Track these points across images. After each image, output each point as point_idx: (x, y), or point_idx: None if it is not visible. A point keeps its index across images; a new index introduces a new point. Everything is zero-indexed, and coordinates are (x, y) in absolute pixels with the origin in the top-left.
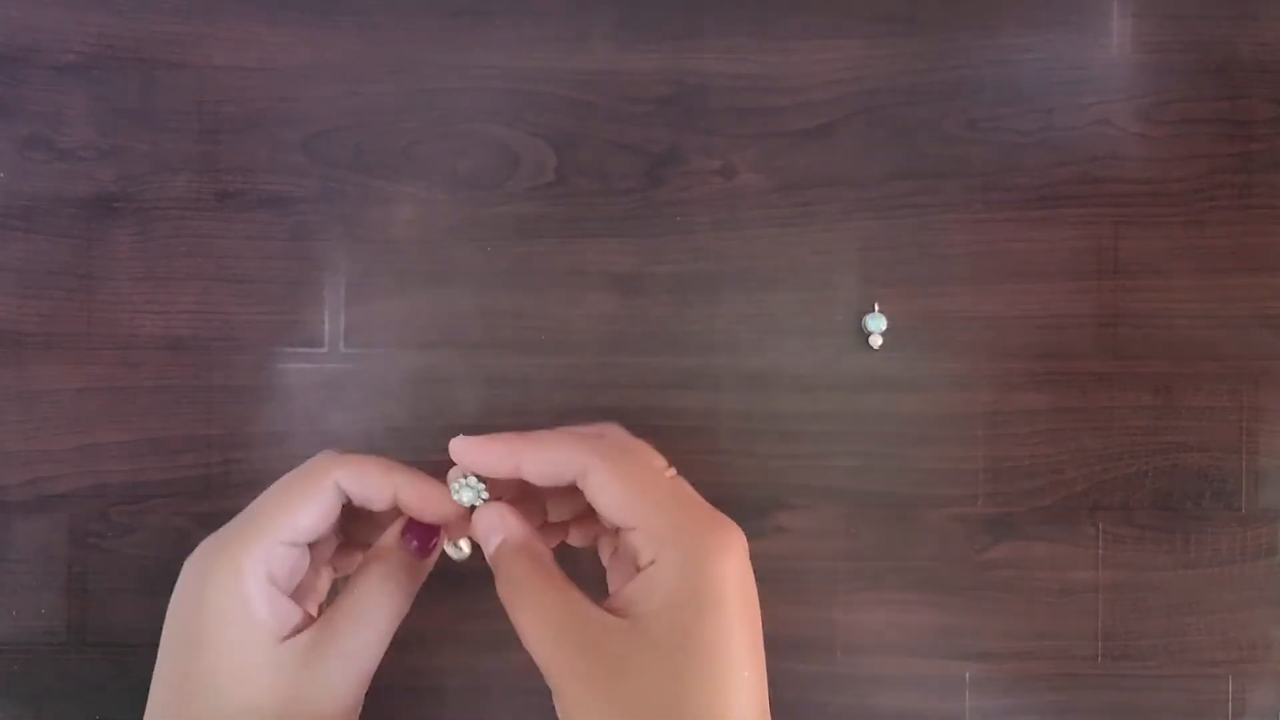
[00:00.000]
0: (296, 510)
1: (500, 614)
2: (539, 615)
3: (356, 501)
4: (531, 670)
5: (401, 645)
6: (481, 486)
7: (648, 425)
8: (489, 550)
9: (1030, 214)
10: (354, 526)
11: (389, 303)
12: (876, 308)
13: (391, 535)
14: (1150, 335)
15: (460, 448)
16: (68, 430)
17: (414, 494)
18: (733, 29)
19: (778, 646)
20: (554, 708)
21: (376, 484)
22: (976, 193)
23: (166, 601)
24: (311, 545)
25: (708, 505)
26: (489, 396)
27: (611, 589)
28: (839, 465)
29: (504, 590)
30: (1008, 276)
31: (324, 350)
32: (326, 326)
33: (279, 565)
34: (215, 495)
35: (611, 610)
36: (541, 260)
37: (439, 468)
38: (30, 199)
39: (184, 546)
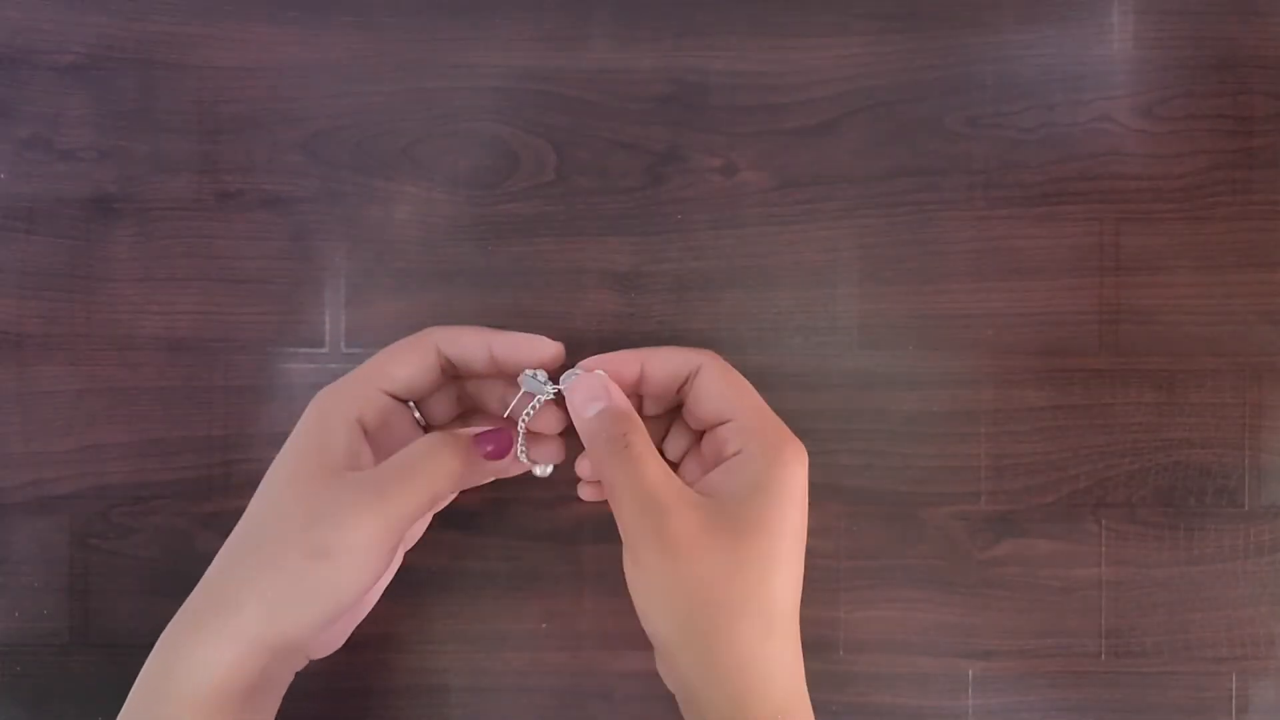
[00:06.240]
0: (393, 362)
1: (499, 614)
2: (636, 481)
3: (455, 361)
4: (531, 670)
5: (402, 645)
6: (548, 380)
7: None
8: (587, 414)
9: (1031, 211)
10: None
11: (390, 302)
12: None
13: (466, 433)
14: (1152, 331)
15: (587, 359)
16: (68, 431)
17: (508, 342)
18: (733, 26)
19: None
20: (551, 708)
21: (471, 341)
22: (978, 190)
23: (169, 602)
24: (421, 409)
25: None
26: None
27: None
28: (841, 463)
29: (601, 456)
30: (1009, 273)
31: (325, 350)
32: (327, 326)
33: (369, 410)
34: (217, 496)
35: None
36: (541, 259)
37: None
38: (30, 200)
39: (186, 547)
